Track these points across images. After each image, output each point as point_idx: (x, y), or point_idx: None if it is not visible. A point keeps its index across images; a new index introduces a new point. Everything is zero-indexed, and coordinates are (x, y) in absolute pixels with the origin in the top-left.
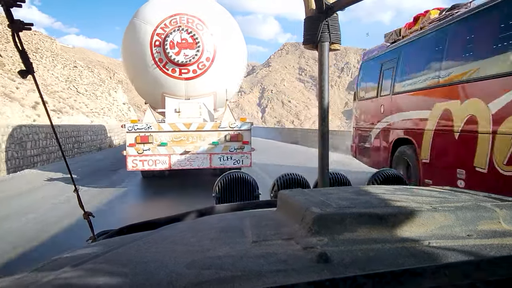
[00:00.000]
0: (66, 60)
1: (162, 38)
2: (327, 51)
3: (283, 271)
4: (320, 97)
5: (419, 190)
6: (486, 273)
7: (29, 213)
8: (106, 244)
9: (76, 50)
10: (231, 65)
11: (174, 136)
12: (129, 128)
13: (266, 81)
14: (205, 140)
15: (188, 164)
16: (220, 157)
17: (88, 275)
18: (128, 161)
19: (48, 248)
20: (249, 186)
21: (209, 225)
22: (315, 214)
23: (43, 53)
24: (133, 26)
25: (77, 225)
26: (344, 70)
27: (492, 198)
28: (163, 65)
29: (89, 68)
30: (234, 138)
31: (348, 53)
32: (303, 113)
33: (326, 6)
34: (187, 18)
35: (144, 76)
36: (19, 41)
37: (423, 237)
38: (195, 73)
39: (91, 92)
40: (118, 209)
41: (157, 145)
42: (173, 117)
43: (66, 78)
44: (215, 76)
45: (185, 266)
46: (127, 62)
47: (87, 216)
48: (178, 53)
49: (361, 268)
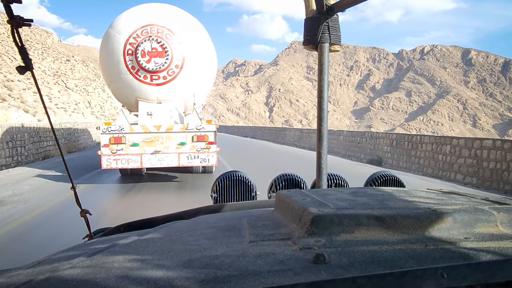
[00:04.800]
0: (58, 53)
1: (134, 47)
2: (327, 52)
3: (280, 271)
4: (319, 98)
5: (417, 192)
6: (484, 276)
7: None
8: (103, 242)
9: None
10: (199, 72)
11: (145, 137)
12: (103, 130)
13: (274, 80)
14: (174, 140)
15: (158, 162)
16: (188, 156)
17: (84, 273)
18: (102, 160)
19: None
20: (247, 186)
21: (207, 225)
22: (312, 214)
23: (33, 45)
24: (109, 36)
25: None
26: (353, 69)
27: (490, 201)
28: (135, 72)
29: (83, 63)
30: (200, 138)
31: (358, 51)
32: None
33: (327, 7)
34: (157, 28)
35: (119, 81)
36: (19, 37)
37: (420, 239)
38: (165, 79)
39: (81, 88)
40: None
41: (130, 145)
42: (145, 119)
43: (54, 72)
44: (184, 82)
45: (182, 265)
46: (103, 69)
47: (84, 214)
48: (148, 61)
49: (359, 270)
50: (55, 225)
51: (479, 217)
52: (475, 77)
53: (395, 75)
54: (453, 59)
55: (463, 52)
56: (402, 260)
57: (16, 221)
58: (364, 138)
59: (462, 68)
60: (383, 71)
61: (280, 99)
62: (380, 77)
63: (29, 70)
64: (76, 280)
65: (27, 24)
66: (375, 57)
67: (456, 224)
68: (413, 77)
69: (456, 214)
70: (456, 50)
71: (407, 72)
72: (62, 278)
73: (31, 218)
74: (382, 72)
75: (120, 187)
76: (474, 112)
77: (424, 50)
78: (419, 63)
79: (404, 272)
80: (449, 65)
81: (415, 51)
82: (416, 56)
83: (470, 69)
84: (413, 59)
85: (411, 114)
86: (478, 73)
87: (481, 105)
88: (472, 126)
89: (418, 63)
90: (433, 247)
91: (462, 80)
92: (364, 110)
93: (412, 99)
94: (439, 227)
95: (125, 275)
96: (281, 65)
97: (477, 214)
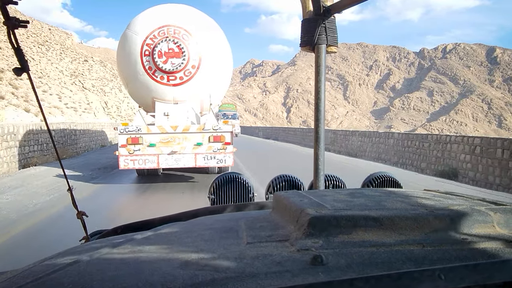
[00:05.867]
0: (76, 54)
1: (151, 48)
2: (324, 54)
3: (278, 273)
4: (316, 99)
5: (414, 193)
6: (482, 277)
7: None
8: (100, 244)
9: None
10: (216, 72)
11: (162, 137)
12: (121, 130)
13: (291, 80)
14: (190, 141)
15: (174, 163)
16: (204, 156)
17: (80, 276)
18: (120, 160)
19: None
20: (244, 187)
21: (204, 226)
22: (310, 216)
23: (51, 45)
24: (126, 37)
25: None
26: (372, 68)
27: (487, 202)
28: (152, 72)
29: (101, 63)
30: (217, 139)
31: (377, 50)
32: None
33: (324, 8)
34: (174, 29)
35: (135, 82)
36: (15, 38)
37: (418, 240)
38: (182, 80)
39: (98, 88)
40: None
41: (147, 146)
42: (162, 120)
43: (72, 72)
44: (201, 82)
45: (180, 267)
46: (121, 69)
47: (81, 216)
48: (165, 61)
49: (356, 271)
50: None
51: (476, 218)
52: (500, 76)
53: (416, 75)
54: (477, 58)
55: (488, 50)
56: (400, 261)
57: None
58: (426, 142)
59: (487, 67)
60: (403, 71)
61: (297, 100)
62: (400, 76)
63: (25, 72)
64: (72, 283)
65: (23, 26)
66: (395, 56)
67: (453, 225)
68: (435, 76)
69: (453, 215)
70: (480, 48)
71: (429, 71)
72: (58, 280)
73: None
74: (403, 71)
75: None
76: (499, 112)
77: (446, 48)
78: (442, 62)
79: (402, 274)
80: (473, 63)
81: (437, 49)
82: (438, 55)
83: (495, 67)
84: (435, 58)
85: (433, 114)
86: (503, 72)
87: (507, 104)
88: (498, 126)
89: (440, 62)
90: (431, 248)
91: (487, 79)
92: (384, 111)
93: (434, 99)
94: (436, 228)
95: (121, 277)
96: (299, 65)
97: (474, 215)
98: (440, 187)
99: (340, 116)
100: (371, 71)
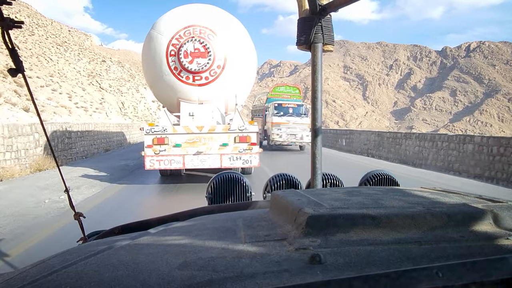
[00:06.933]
0: (94, 54)
1: (177, 48)
2: (320, 52)
3: (276, 273)
4: (313, 97)
5: (411, 191)
6: (480, 274)
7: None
8: (97, 245)
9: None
10: (241, 72)
11: (187, 138)
12: (147, 130)
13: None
14: (216, 141)
15: (200, 163)
16: (230, 157)
17: (78, 277)
18: (146, 161)
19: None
20: (242, 186)
21: (202, 226)
22: (307, 215)
23: (70, 46)
24: (151, 37)
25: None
26: (393, 68)
27: (484, 199)
28: (177, 72)
29: (119, 64)
30: (243, 139)
31: (397, 50)
32: (349, 113)
33: (320, 7)
34: (200, 29)
35: (161, 82)
36: (9, 39)
37: (416, 238)
38: (207, 80)
39: (115, 88)
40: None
41: (172, 146)
42: (187, 120)
43: (89, 73)
44: (226, 82)
45: (178, 268)
46: (146, 70)
47: (78, 217)
48: (191, 61)
49: (354, 270)
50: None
51: (473, 216)
52: None
53: (439, 74)
54: (503, 56)
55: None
56: (398, 260)
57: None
58: None
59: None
60: (425, 70)
61: None
62: (422, 76)
63: (20, 73)
64: (70, 284)
65: (17, 26)
66: (417, 55)
67: (451, 222)
68: (458, 76)
69: (450, 212)
70: (506, 47)
71: (452, 71)
72: (55, 282)
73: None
74: (424, 70)
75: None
76: None
77: (470, 47)
78: (465, 61)
79: (400, 273)
80: (499, 62)
81: (460, 48)
82: (461, 54)
83: None
84: (458, 57)
85: (456, 114)
86: None
87: None
88: None
89: (463, 61)
90: (428, 246)
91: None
92: (404, 111)
93: (457, 99)
94: (434, 226)
95: (119, 278)
96: None
97: (471, 212)
98: None
99: (360, 117)
100: (391, 71)
